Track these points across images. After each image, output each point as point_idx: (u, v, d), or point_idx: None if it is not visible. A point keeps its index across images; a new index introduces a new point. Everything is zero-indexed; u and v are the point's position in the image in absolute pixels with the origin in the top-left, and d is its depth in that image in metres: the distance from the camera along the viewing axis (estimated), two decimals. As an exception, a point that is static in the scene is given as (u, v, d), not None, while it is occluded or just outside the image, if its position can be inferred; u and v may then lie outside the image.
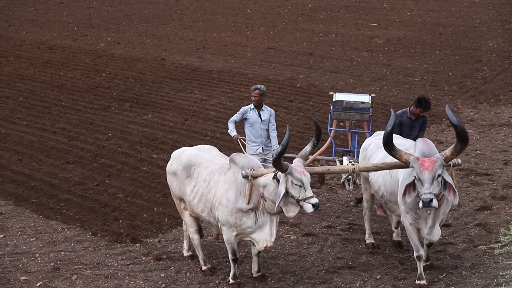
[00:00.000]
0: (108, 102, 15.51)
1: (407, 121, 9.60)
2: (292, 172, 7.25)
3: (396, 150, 7.28)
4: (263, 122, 9.69)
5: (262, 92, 9.69)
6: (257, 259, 8.14)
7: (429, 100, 9.59)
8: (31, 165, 12.00)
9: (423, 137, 8.94)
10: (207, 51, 20.10)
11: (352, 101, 10.05)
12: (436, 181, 7.04)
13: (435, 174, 7.03)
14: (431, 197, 6.96)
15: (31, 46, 21.27)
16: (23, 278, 8.37)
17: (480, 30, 21.65)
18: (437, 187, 7.05)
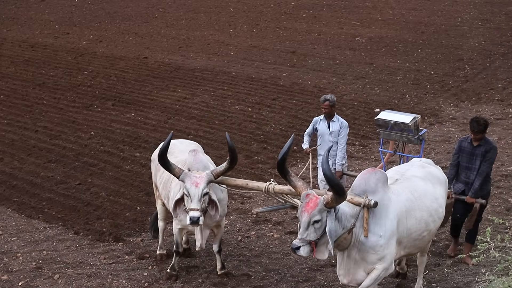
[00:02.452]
0: (90, 101, 15.43)
1: (467, 147, 8.25)
2: (185, 180, 7.34)
3: (292, 179, 6.65)
4: (331, 134, 9.05)
5: (332, 103, 8.98)
6: (218, 257, 8.23)
7: (480, 120, 8.11)
8: (12, 164, 11.91)
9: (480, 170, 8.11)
10: (190, 50, 20.06)
11: (392, 121, 9.00)
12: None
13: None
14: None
15: (12, 44, 21.10)
16: (5, 278, 8.31)
17: (462, 29, 21.80)
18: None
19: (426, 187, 7.07)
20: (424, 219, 6.90)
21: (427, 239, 7.12)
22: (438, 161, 11.71)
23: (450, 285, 7.92)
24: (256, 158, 11.99)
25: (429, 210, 6.96)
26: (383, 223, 6.55)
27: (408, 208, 6.79)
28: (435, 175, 7.36)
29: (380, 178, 6.69)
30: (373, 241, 6.51)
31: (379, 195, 6.57)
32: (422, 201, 6.93)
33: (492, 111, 14.35)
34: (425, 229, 6.95)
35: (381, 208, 6.55)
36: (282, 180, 7.19)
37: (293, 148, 12.43)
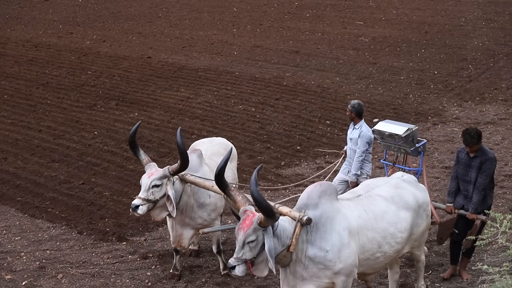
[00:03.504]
0: (94, 100, 15.45)
1: (464, 158, 7.83)
2: (145, 170, 7.59)
3: (231, 193, 6.32)
4: (351, 140, 8.76)
5: (352, 108, 8.67)
6: (219, 257, 8.31)
7: (471, 132, 7.65)
8: (16, 164, 11.93)
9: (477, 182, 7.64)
10: (193, 49, 20.07)
11: (387, 132, 8.46)
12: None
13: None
14: None
15: (16, 44, 21.13)
16: (8, 277, 8.32)
17: (465, 29, 21.77)
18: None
19: (387, 210, 6.72)
20: (376, 240, 6.57)
21: (383, 261, 6.75)
22: (442, 161, 11.71)
23: (453, 285, 7.91)
24: (260, 158, 11.99)
25: (384, 233, 6.62)
26: (329, 237, 6.26)
27: (360, 225, 6.48)
28: (404, 198, 6.90)
29: (325, 191, 6.39)
30: (320, 256, 6.23)
31: (323, 208, 6.29)
32: (377, 222, 6.59)
33: (496, 111, 14.32)
34: (378, 251, 6.61)
35: (326, 221, 6.28)
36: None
37: (297, 147, 12.44)
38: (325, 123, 13.65)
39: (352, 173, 8.69)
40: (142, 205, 7.41)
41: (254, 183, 6.00)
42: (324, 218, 6.28)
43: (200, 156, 8.03)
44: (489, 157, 7.64)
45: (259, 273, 6.21)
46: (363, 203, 6.70)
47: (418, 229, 7.07)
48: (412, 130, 8.24)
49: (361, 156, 8.62)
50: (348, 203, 6.61)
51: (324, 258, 6.25)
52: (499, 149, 12.20)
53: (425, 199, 7.18)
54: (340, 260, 6.29)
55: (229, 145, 8.75)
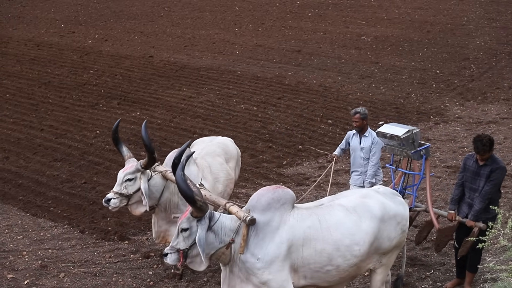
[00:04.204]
0: (96, 100, 15.45)
1: (472, 166, 7.50)
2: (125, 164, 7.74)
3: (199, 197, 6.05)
4: (362, 150, 8.43)
5: (363, 115, 8.39)
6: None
7: (484, 139, 7.33)
8: (18, 163, 11.94)
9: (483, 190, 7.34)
10: (195, 48, 20.07)
11: (388, 134, 8.04)
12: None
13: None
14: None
15: (17, 43, 21.15)
16: (10, 276, 8.33)
17: (468, 28, 21.75)
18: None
19: (344, 220, 6.33)
20: (326, 252, 6.22)
21: (335, 275, 6.34)
22: (444, 160, 11.70)
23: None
24: (261, 157, 11.99)
25: (337, 245, 6.24)
26: (265, 245, 6.08)
27: (308, 236, 6.19)
28: (369, 208, 6.47)
29: (276, 199, 6.20)
30: (250, 262, 6.09)
31: (269, 216, 6.13)
32: (330, 233, 6.24)
33: (498, 110, 14.31)
34: (329, 264, 6.26)
35: (268, 230, 6.11)
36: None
37: (298, 147, 12.44)
38: (327, 123, 13.65)
39: (368, 181, 8.43)
40: (114, 198, 7.54)
41: (180, 168, 5.98)
42: (266, 226, 6.12)
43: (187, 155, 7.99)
44: (500, 166, 7.32)
45: (195, 267, 6.22)
46: (319, 212, 6.35)
47: (390, 243, 6.57)
48: (413, 132, 7.90)
49: (377, 163, 8.40)
50: (302, 213, 6.30)
51: (253, 265, 6.09)
52: (501, 148, 12.19)
53: (401, 213, 6.67)
54: (270, 272, 6.08)
55: (228, 145, 8.69)
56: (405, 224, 6.69)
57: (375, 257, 6.57)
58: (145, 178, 7.55)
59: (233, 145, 8.78)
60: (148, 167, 7.57)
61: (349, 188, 8.84)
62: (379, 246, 6.51)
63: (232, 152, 8.62)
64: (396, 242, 6.63)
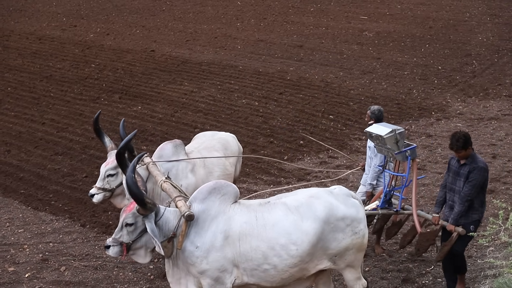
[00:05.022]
0: (97, 94, 15.45)
1: (454, 165, 7.31)
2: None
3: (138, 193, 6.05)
4: (369, 148, 8.36)
5: (372, 114, 8.28)
6: None
7: (457, 135, 7.17)
8: (19, 156, 11.95)
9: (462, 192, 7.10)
10: (197, 43, 20.05)
11: (374, 134, 7.75)
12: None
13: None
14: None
15: (19, 37, 21.14)
16: (11, 269, 8.35)
17: (470, 24, 21.71)
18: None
19: (282, 219, 6.24)
20: (261, 250, 6.17)
21: (275, 275, 6.25)
22: (445, 156, 11.69)
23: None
24: (263, 152, 11.99)
25: (271, 243, 6.17)
26: (203, 234, 6.16)
27: (244, 231, 6.18)
28: (313, 209, 6.32)
29: (217, 189, 6.30)
30: (189, 250, 6.16)
31: (207, 205, 6.22)
32: (265, 231, 6.19)
33: (499, 106, 14.30)
34: (265, 262, 6.19)
35: (206, 218, 6.19)
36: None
37: (300, 142, 12.44)
38: (328, 118, 13.65)
39: (368, 182, 8.36)
40: (97, 194, 7.67)
41: (130, 169, 6.07)
42: (206, 215, 6.20)
43: (177, 147, 7.94)
44: (477, 166, 7.04)
45: (139, 259, 6.32)
46: (260, 209, 6.31)
47: (338, 244, 6.38)
48: (396, 133, 7.53)
49: (380, 165, 8.18)
50: (242, 208, 6.31)
51: (192, 254, 6.17)
52: (503, 145, 12.18)
53: (351, 215, 6.45)
54: (207, 261, 6.14)
55: (229, 141, 8.60)
56: (357, 226, 6.47)
57: (324, 258, 6.41)
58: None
59: (235, 141, 8.74)
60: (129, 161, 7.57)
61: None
62: (325, 248, 6.36)
63: (232, 148, 8.56)
64: (346, 244, 6.42)
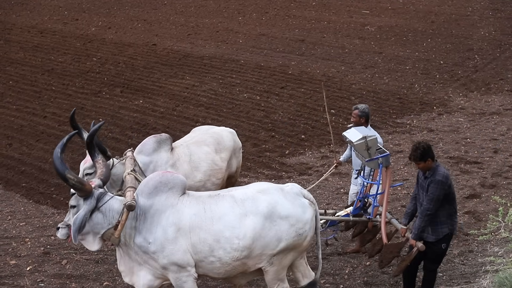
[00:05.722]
0: (99, 87, 15.45)
1: (420, 177, 7.03)
2: None
3: (96, 166, 6.57)
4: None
5: (361, 113, 8.08)
6: None
7: (416, 147, 6.85)
8: (21, 150, 11.96)
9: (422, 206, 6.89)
10: (198, 37, 20.03)
11: (347, 139, 7.52)
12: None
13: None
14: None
15: (21, 30, 21.12)
16: (13, 262, 8.37)
17: (472, 19, 21.67)
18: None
19: (228, 211, 6.27)
20: (208, 243, 6.21)
21: (220, 267, 6.29)
22: (446, 151, 11.70)
23: (456, 274, 7.92)
24: (264, 147, 12.00)
25: (217, 236, 6.20)
26: (154, 229, 6.22)
27: (193, 224, 6.23)
28: (257, 204, 6.31)
29: (164, 182, 6.33)
30: (144, 246, 6.25)
31: (155, 199, 6.27)
32: (212, 223, 6.23)
33: (501, 101, 14.29)
34: (211, 255, 6.24)
35: (155, 213, 6.25)
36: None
37: (301, 136, 12.44)
38: (330, 112, 13.64)
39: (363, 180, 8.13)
40: None
41: (59, 145, 6.23)
42: (154, 210, 6.26)
43: (161, 142, 7.92)
44: (435, 179, 6.74)
45: (88, 245, 6.38)
46: (208, 201, 6.35)
47: (278, 244, 6.31)
48: (367, 140, 7.22)
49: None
50: (191, 200, 6.36)
51: (147, 249, 6.25)
52: (504, 139, 12.18)
53: (296, 215, 6.36)
54: (164, 255, 6.21)
55: (223, 136, 8.41)
56: (302, 227, 6.36)
57: (264, 257, 6.35)
58: None
59: (230, 136, 8.51)
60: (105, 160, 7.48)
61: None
62: (265, 245, 6.29)
63: (226, 143, 8.38)
64: (287, 244, 6.34)
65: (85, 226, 6.16)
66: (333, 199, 10.03)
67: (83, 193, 6.20)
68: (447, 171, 6.88)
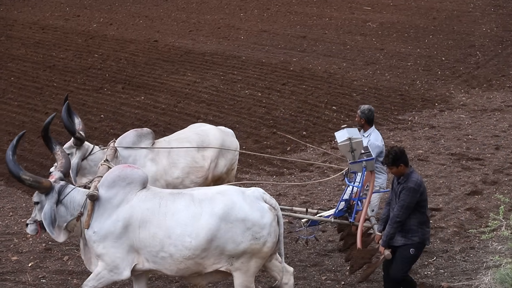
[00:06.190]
0: (101, 84, 15.45)
1: (395, 183, 6.87)
2: None
3: (56, 157, 6.94)
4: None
5: (362, 114, 7.94)
6: None
7: (388, 152, 6.74)
8: (22, 146, 11.96)
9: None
10: (200, 33, 20.02)
11: (336, 139, 7.54)
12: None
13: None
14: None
15: (22, 26, 21.11)
16: (15, 259, 8.38)
17: (474, 15, 21.64)
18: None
19: (183, 210, 6.27)
20: (158, 238, 6.23)
21: (172, 263, 6.29)
22: (448, 147, 11.69)
23: (457, 271, 7.92)
24: (265, 143, 12.00)
25: (168, 232, 6.21)
26: (102, 220, 6.34)
27: (145, 218, 6.28)
28: (214, 205, 6.27)
29: (123, 177, 6.42)
30: (89, 234, 6.40)
31: (112, 192, 6.37)
32: (164, 219, 6.25)
33: (503, 98, 14.27)
34: (162, 250, 6.25)
35: (108, 206, 6.36)
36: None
37: (303, 133, 12.44)
38: (331, 109, 13.64)
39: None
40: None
41: (11, 147, 6.46)
42: (108, 203, 6.38)
43: (142, 136, 8.03)
44: (406, 186, 6.59)
45: (55, 237, 6.56)
46: (166, 197, 6.38)
47: (236, 246, 6.25)
48: (352, 141, 7.18)
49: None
50: (148, 194, 6.41)
51: (90, 238, 6.40)
52: (506, 136, 12.17)
53: (254, 219, 6.28)
54: (103, 246, 6.33)
55: (209, 135, 8.20)
56: (259, 231, 6.27)
57: (222, 258, 6.32)
58: (80, 154, 7.93)
59: (218, 135, 8.27)
60: (79, 144, 7.98)
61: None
62: (222, 247, 6.26)
63: (211, 142, 8.17)
64: (244, 248, 6.27)
65: (56, 218, 6.37)
66: (334, 195, 10.03)
67: (43, 190, 6.39)
68: (420, 178, 6.71)
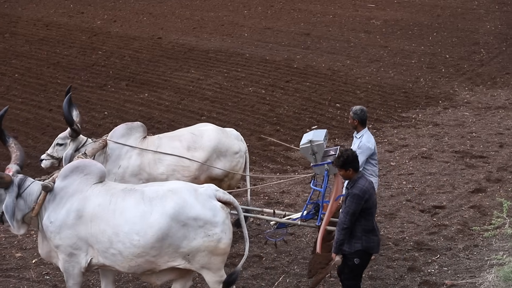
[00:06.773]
0: (104, 81, 15.47)
1: (346, 187, 6.74)
2: None
3: (10, 150, 7.12)
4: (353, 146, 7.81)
5: (354, 115, 7.76)
6: None
7: (341, 155, 6.54)
8: (26, 143, 11.98)
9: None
10: (204, 31, 20.02)
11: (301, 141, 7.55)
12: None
13: None
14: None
15: (27, 23, 21.14)
16: (19, 255, 8.41)
17: (478, 12, 21.59)
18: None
19: (132, 207, 6.30)
20: (107, 234, 6.26)
21: (122, 260, 6.31)
22: (452, 145, 11.68)
23: (461, 268, 7.92)
24: (269, 140, 12.00)
25: (116, 230, 6.24)
26: (58, 211, 6.40)
27: (95, 213, 6.31)
28: (164, 203, 6.27)
29: (80, 168, 6.52)
30: (45, 224, 6.46)
31: (67, 182, 6.45)
32: (113, 216, 6.28)
33: (507, 95, 14.25)
34: (111, 247, 6.28)
35: (64, 196, 6.43)
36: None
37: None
38: (335, 106, 13.63)
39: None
40: (46, 160, 8.15)
41: None
42: (64, 192, 6.44)
43: (131, 129, 8.22)
44: (351, 192, 6.43)
45: (14, 231, 6.59)
46: (116, 194, 6.40)
47: (189, 244, 6.27)
48: (312, 144, 7.20)
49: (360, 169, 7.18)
50: (101, 190, 6.44)
51: (47, 228, 6.44)
52: (510, 134, 12.15)
53: (206, 217, 6.28)
54: (60, 237, 6.40)
55: (203, 136, 8.20)
56: (211, 229, 6.29)
57: (177, 256, 6.33)
58: (74, 146, 8.01)
59: (213, 136, 8.21)
60: (74, 136, 8.05)
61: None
62: (175, 245, 6.28)
63: (203, 142, 8.16)
64: (198, 245, 6.30)
65: (15, 212, 6.43)
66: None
67: (4, 184, 6.43)
68: (367, 185, 6.48)
